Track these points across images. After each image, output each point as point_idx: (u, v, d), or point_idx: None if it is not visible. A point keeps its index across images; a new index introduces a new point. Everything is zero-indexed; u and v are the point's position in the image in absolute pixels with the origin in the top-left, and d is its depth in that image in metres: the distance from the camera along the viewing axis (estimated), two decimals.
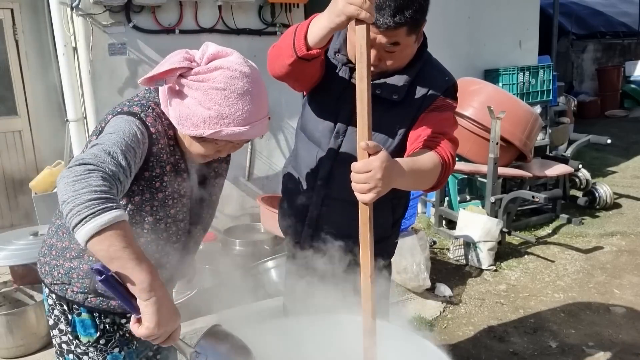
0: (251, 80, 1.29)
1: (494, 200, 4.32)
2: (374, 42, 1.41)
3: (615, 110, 11.03)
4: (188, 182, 1.43)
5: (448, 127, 1.55)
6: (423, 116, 1.56)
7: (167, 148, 1.34)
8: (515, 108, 4.35)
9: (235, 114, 1.26)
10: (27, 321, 2.76)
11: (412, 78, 1.56)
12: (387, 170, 1.22)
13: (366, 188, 1.22)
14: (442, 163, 1.45)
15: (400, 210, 1.77)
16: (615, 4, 12.89)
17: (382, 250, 1.71)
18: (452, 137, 1.53)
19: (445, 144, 1.49)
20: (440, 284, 3.71)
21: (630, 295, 3.61)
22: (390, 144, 1.58)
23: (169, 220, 1.41)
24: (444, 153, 1.47)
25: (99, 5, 3.42)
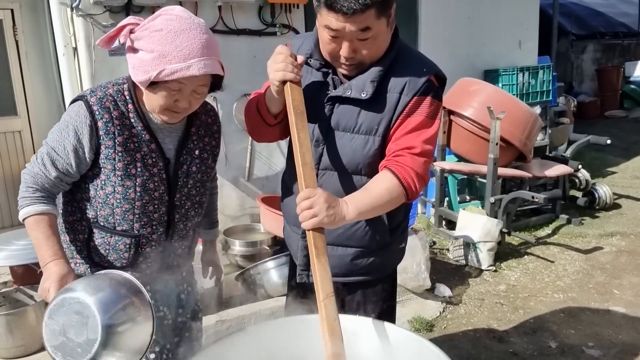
0: (189, 22, 1.39)
1: (493, 201, 4.32)
2: (344, 32, 1.39)
3: (614, 111, 11.03)
4: (156, 152, 1.52)
5: (417, 139, 1.49)
6: (397, 122, 1.51)
7: (116, 121, 1.46)
8: (515, 108, 4.35)
9: (174, 51, 1.35)
10: (27, 321, 2.76)
11: (384, 71, 1.50)
12: (331, 199, 1.35)
13: (310, 213, 1.32)
14: (403, 184, 1.45)
15: (400, 216, 1.71)
16: (615, 5, 12.90)
17: (383, 259, 1.70)
18: (421, 150, 1.48)
19: (408, 162, 1.47)
20: (440, 284, 3.71)
21: (630, 296, 3.61)
22: (370, 146, 1.54)
23: (138, 188, 1.50)
24: (405, 174, 1.46)
25: (99, 6, 3.42)
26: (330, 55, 1.49)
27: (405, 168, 1.46)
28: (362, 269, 1.67)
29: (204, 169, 1.63)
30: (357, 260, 1.65)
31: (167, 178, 1.55)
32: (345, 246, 1.64)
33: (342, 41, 1.43)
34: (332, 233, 1.60)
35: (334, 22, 1.37)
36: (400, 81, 1.51)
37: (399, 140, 1.50)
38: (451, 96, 4.66)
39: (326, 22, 1.39)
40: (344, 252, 1.64)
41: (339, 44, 1.44)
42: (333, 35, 1.42)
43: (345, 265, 1.66)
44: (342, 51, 1.45)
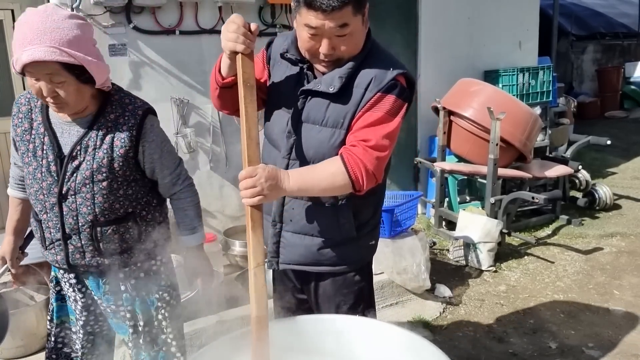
0: (35, 13, 1.48)
1: (493, 201, 4.32)
2: (323, 30, 1.45)
3: (615, 111, 11.03)
4: (48, 144, 1.65)
5: (373, 132, 1.53)
6: (358, 115, 1.56)
7: (20, 114, 1.69)
8: (515, 109, 4.35)
9: (16, 42, 1.47)
10: (27, 322, 2.76)
11: (353, 68, 1.56)
12: (271, 174, 1.41)
13: (252, 192, 1.39)
14: (349, 174, 1.49)
15: (368, 212, 1.74)
16: (615, 5, 12.90)
17: (350, 252, 1.72)
18: (375, 144, 1.52)
19: (360, 153, 1.50)
20: (440, 285, 3.71)
21: (630, 296, 3.61)
22: (336, 138, 1.58)
23: (30, 176, 1.69)
24: (354, 164, 1.49)
25: (100, 6, 3.42)
26: (310, 52, 1.54)
27: (355, 158, 1.51)
28: (328, 260, 1.71)
29: (96, 167, 1.65)
30: (323, 250, 1.70)
31: (57, 171, 1.65)
32: (311, 235, 1.69)
33: (321, 39, 1.49)
34: (299, 222, 1.67)
35: (314, 20, 1.43)
36: (367, 77, 1.56)
37: (357, 132, 1.55)
38: (451, 97, 4.66)
39: (306, 20, 1.45)
40: (310, 242, 1.69)
41: (318, 42, 1.50)
42: (312, 33, 1.47)
43: (312, 254, 1.71)
44: (321, 48, 1.50)
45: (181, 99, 3.78)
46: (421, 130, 5.23)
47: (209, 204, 4.06)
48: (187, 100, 3.82)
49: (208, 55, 3.87)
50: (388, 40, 4.92)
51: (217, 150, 4.02)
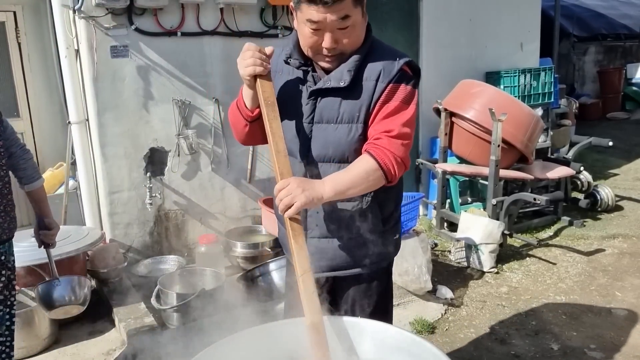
0: None
1: (495, 203, 4.32)
2: (325, 24, 1.48)
3: (616, 113, 11.02)
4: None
5: (393, 122, 1.56)
6: (375, 109, 1.59)
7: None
8: (517, 110, 4.35)
9: None
10: (29, 323, 2.76)
11: (360, 60, 1.58)
12: (304, 182, 1.46)
13: (287, 201, 1.41)
14: (382, 166, 1.52)
15: (391, 205, 1.76)
16: (617, 6, 12.89)
17: (380, 247, 1.72)
18: (398, 132, 1.56)
19: (386, 144, 1.54)
20: (442, 286, 3.70)
21: (632, 298, 3.60)
22: (354, 133, 1.60)
23: None
24: (383, 156, 1.53)
25: (101, 8, 3.43)
26: (313, 49, 1.56)
27: (383, 150, 1.54)
28: (357, 260, 1.71)
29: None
30: (352, 249, 1.70)
31: None
32: (339, 237, 1.69)
33: (324, 33, 1.51)
34: (326, 226, 1.67)
35: (315, 14, 1.46)
36: (375, 70, 1.59)
37: (377, 125, 1.58)
38: (453, 98, 4.66)
39: (307, 16, 1.48)
40: (338, 243, 1.70)
41: (321, 37, 1.52)
42: (314, 28, 1.49)
43: (341, 256, 1.70)
44: (324, 43, 1.52)
45: (183, 100, 3.79)
46: (423, 131, 5.23)
47: (211, 205, 4.06)
48: (189, 101, 3.82)
49: (209, 56, 3.87)
50: (390, 42, 4.88)
51: (219, 152, 4.02)
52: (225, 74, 3.91)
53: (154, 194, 3.73)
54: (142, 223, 3.81)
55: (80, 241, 3.13)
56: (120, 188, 3.69)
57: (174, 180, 3.90)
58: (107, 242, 3.63)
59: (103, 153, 3.60)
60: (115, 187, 3.67)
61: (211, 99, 3.92)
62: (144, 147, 3.74)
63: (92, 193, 3.73)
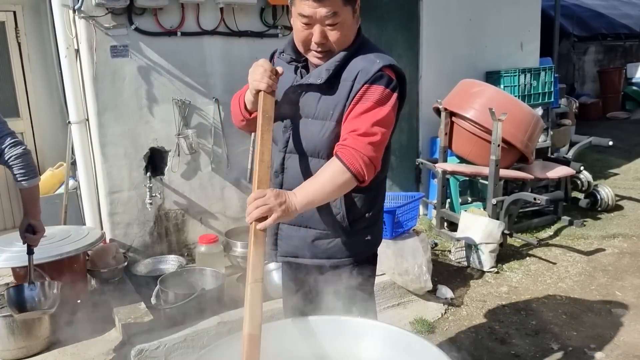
0: None
1: (495, 202, 4.32)
2: (314, 17, 1.55)
3: (616, 112, 11.02)
4: None
5: (362, 121, 1.57)
6: (348, 109, 1.61)
7: None
8: (517, 110, 4.35)
9: None
10: (29, 323, 2.76)
11: (341, 62, 1.62)
12: (280, 195, 1.47)
13: (263, 211, 1.42)
14: (349, 168, 1.53)
15: (363, 208, 1.75)
16: (617, 6, 12.89)
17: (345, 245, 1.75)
18: (364, 131, 1.55)
19: (351, 143, 1.55)
20: (442, 286, 3.70)
21: (632, 297, 3.60)
22: (325, 130, 1.65)
23: None
24: (350, 157, 1.53)
25: (101, 8, 3.42)
26: (304, 43, 1.64)
27: (349, 150, 1.55)
28: (323, 252, 1.76)
29: None
30: (317, 241, 1.76)
31: None
32: (306, 227, 1.75)
33: (313, 27, 1.58)
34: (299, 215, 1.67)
35: (307, 8, 1.54)
36: (354, 70, 1.62)
37: (347, 124, 1.61)
38: (453, 98, 4.66)
39: (299, 10, 1.56)
40: (305, 234, 1.76)
41: (311, 32, 1.59)
42: (305, 22, 1.58)
43: (307, 245, 1.76)
44: (314, 37, 1.60)
45: (183, 100, 3.79)
46: (423, 131, 5.23)
47: (211, 205, 4.06)
48: (189, 101, 3.82)
49: (209, 56, 3.87)
50: (390, 41, 4.92)
51: (219, 152, 4.02)
52: (225, 74, 3.91)
53: (154, 193, 3.73)
54: (142, 223, 3.81)
55: (80, 241, 3.13)
56: (121, 188, 3.69)
57: (174, 180, 3.90)
58: (107, 242, 3.63)
59: (103, 153, 3.60)
60: (115, 187, 3.67)
61: (211, 99, 3.92)
62: (144, 147, 3.74)
63: (92, 193, 3.73)
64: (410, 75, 5.11)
